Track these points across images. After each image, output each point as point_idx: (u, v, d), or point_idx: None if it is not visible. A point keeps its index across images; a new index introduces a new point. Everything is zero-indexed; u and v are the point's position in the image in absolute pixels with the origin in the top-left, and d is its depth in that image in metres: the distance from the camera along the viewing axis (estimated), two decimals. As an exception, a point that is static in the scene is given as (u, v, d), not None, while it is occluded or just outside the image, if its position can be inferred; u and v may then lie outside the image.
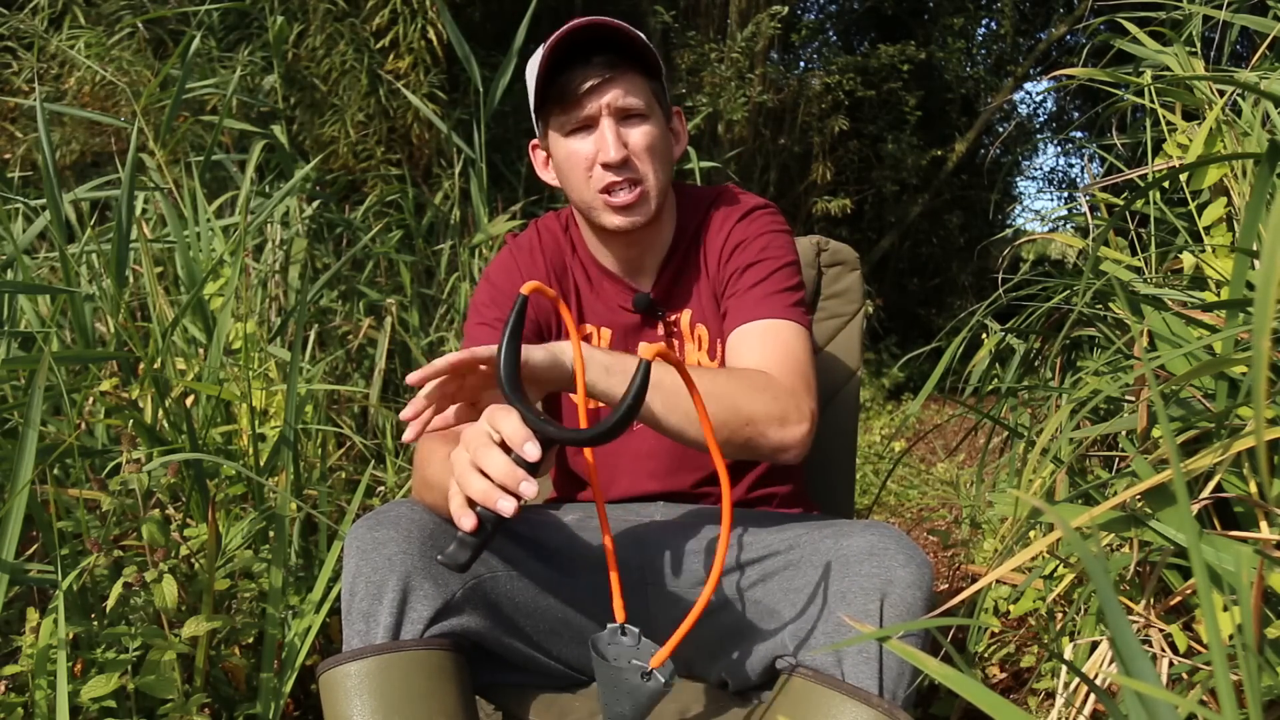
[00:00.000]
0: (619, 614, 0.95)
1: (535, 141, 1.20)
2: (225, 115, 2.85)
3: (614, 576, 0.97)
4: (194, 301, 1.85)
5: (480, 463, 0.80)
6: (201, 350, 1.90)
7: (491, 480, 0.80)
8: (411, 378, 0.87)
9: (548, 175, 1.20)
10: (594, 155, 1.09)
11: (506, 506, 0.79)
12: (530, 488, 0.79)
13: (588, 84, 1.06)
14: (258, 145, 2.81)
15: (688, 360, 1.19)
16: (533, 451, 0.79)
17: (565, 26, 1.05)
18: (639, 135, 1.09)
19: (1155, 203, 1.32)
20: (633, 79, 1.09)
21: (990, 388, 1.75)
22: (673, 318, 1.20)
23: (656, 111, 1.12)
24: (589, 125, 1.09)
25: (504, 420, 0.81)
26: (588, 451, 1.04)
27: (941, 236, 7.30)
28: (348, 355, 2.74)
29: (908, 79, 5.88)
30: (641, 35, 1.08)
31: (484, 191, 3.13)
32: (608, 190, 1.09)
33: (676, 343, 1.20)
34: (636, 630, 0.93)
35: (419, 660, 0.96)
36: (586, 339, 1.21)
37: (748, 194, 1.22)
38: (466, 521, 0.80)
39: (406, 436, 0.89)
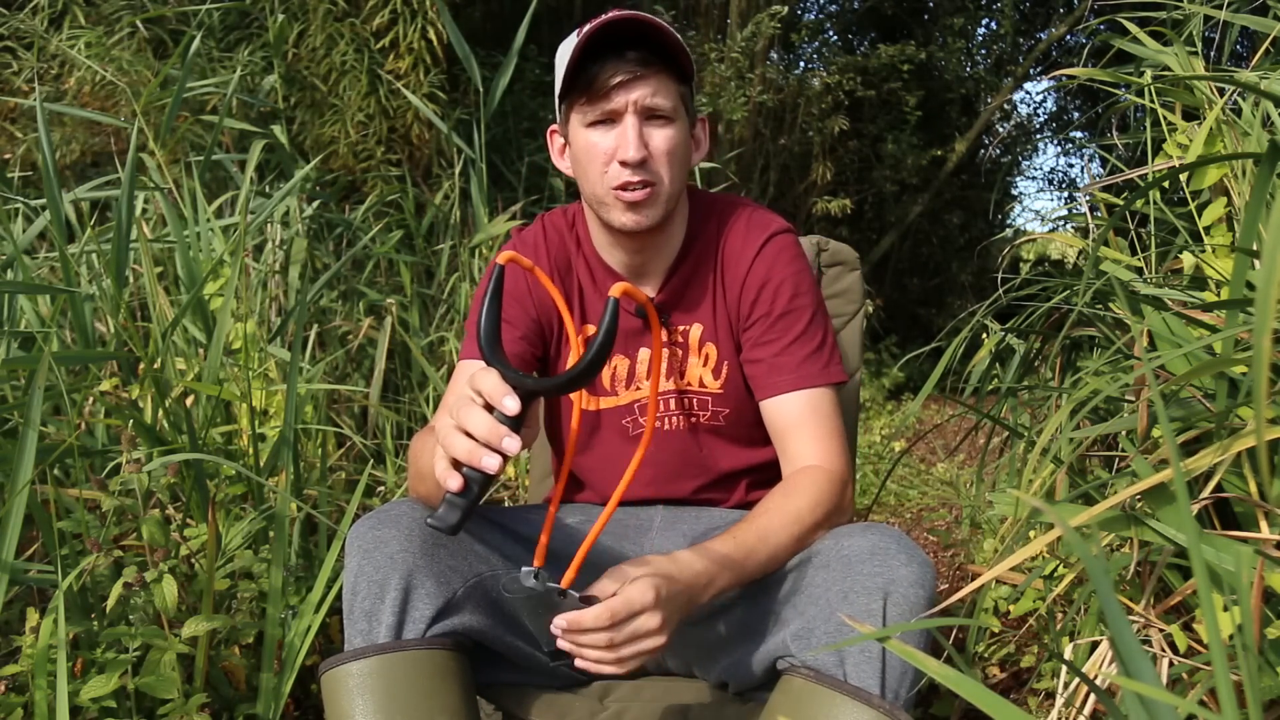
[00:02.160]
0: (539, 559, 0.92)
1: (554, 127, 1.18)
2: (225, 115, 2.85)
3: (548, 524, 0.95)
4: (194, 301, 1.85)
5: (463, 423, 0.81)
6: (201, 350, 1.90)
7: (475, 439, 0.80)
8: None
9: (563, 163, 1.18)
10: (613, 150, 1.07)
11: (490, 463, 0.79)
12: (513, 443, 0.79)
13: (618, 78, 1.04)
14: (258, 145, 2.81)
15: (689, 375, 1.18)
16: (512, 405, 0.80)
17: (604, 16, 1.02)
18: (661, 138, 1.07)
19: (1155, 203, 1.32)
20: (663, 79, 1.07)
21: (990, 388, 1.74)
22: (680, 328, 1.18)
23: (681, 115, 1.10)
24: (612, 119, 1.07)
25: (483, 380, 0.82)
26: (576, 420, 1.04)
27: (941, 236, 7.29)
28: (348, 355, 2.74)
29: (908, 79, 5.87)
30: (679, 37, 1.06)
31: (484, 191, 3.13)
32: (622, 187, 1.07)
33: (680, 353, 1.18)
34: (544, 573, 0.91)
35: (422, 660, 0.96)
36: (588, 340, 1.20)
37: (762, 209, 1.20)
38: (453, 482, 0.80)
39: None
